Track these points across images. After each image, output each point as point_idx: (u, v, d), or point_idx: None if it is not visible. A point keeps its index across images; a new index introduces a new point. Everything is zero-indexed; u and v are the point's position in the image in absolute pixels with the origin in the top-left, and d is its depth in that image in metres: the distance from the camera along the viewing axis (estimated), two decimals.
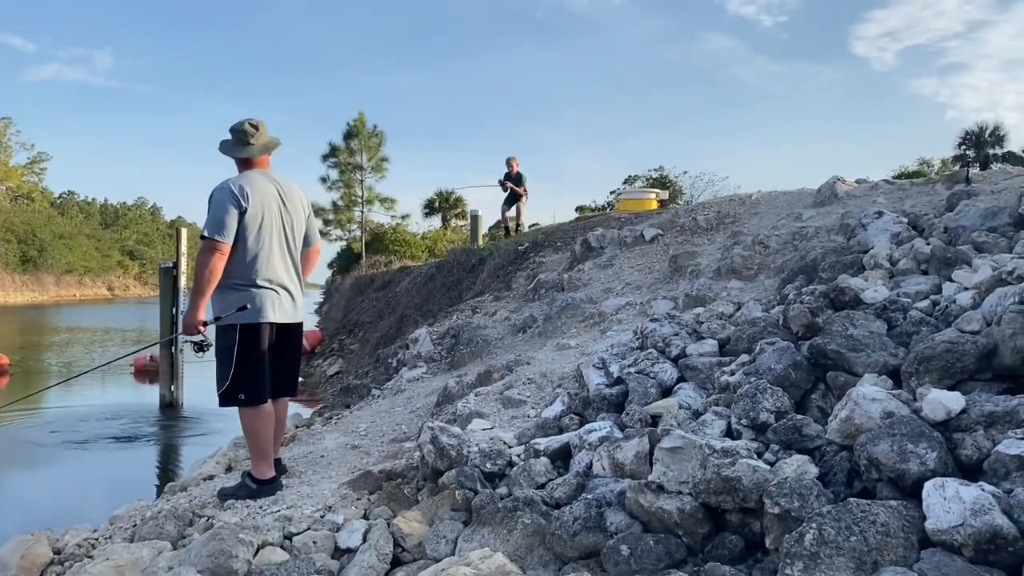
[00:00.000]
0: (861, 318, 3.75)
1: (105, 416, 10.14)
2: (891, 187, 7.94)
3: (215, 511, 3.91)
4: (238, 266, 3.93)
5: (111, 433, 9.21)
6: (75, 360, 17.93)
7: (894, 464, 2.58)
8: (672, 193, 22.25)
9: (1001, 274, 3.73)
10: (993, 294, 3.50)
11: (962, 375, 3.05)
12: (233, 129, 4.18)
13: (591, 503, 3.01)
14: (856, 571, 2.26)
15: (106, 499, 5.62)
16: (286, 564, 3.19)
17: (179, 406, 11.08)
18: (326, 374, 13.64)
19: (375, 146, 33.15)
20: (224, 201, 3.88)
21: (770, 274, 6.14)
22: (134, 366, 14.60)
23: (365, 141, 32.89)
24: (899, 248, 4.98)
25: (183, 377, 11.35)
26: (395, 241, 31.62)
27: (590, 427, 3.69)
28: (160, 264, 12.16)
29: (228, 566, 3.14)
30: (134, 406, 11.19)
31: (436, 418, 4.87)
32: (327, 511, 3.67)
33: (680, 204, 16.97)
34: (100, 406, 10.94)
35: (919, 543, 2.32)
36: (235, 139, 4.17)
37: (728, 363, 4.02)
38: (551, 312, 7.15)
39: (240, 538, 3.26)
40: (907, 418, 2.75)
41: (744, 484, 2.71)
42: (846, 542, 2.30)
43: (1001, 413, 2.69)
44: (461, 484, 3.45)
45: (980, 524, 2.22)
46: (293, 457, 4.80)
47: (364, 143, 32.90)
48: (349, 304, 19.72)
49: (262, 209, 3.96)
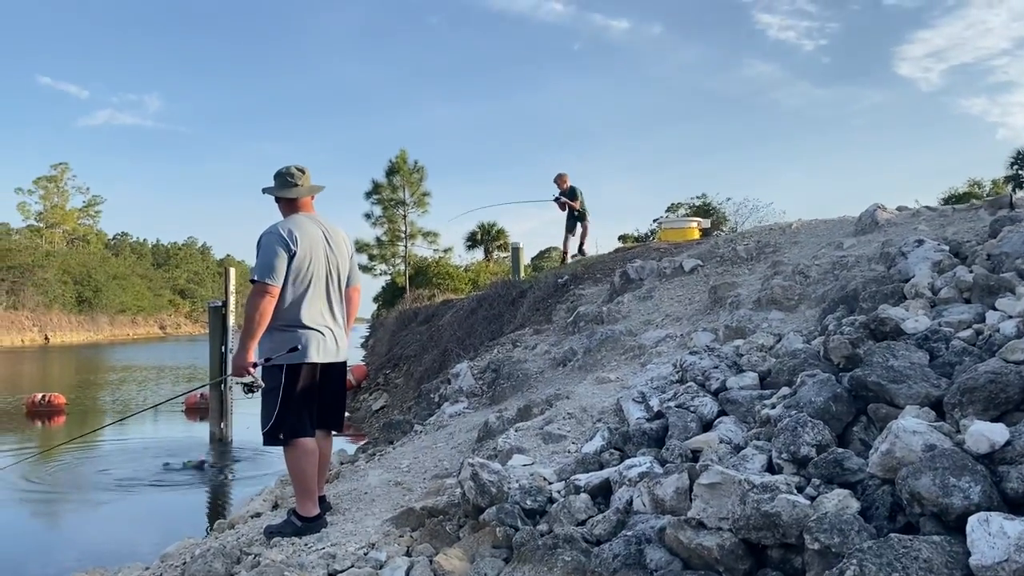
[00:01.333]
0: (902, 349, 3.70)
1: (157, 454, 10.33)
2: (932, 214, 7.83)
3: (262, 548, 3.96)
4: (286, 308, 4.03)
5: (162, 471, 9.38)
6: (129, 398, 18.33)
7: (937, 498, 2.54)
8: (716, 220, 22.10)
9: None
10: None
11: (1007, 406, 2.99)
12: (279, 173, 4.32)
13: (631, 540, 3.00)
14: None
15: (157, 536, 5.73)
16: None
17: (229, 443, 11.24)
18: (372, 408, 13.74)
19: (417, 181, 33.62)
20: (273, 245, 4.00)
21: (811, 304, 6.08)
22: (185, 404, 14.89)
23: (407, 177, 33.38)
24: (941, 276, 4.90)
25: (232, 415, 11.53)
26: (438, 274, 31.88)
27: (630, 462, 3.68)
28: (209, 304, 12.40)
29: None
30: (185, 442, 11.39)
31: (477, 454, 4.89)
32: (370, 548, 3.71)
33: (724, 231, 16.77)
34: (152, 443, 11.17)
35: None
36: (281, 182, 4.30)
37: (769, 396, 3.99)
38: (591, 345, 7.15)
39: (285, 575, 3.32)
40: (949, 451, 2.70)
41: (784, 520, 2.68)
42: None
43: None
44: (501, 521, 3.46)
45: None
46: (337, 494, 4.85)
47: (406, 179, 33.39)
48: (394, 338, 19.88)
49: (310, 252, 4.07)
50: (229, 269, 12.81)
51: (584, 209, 14.19)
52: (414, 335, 17.35)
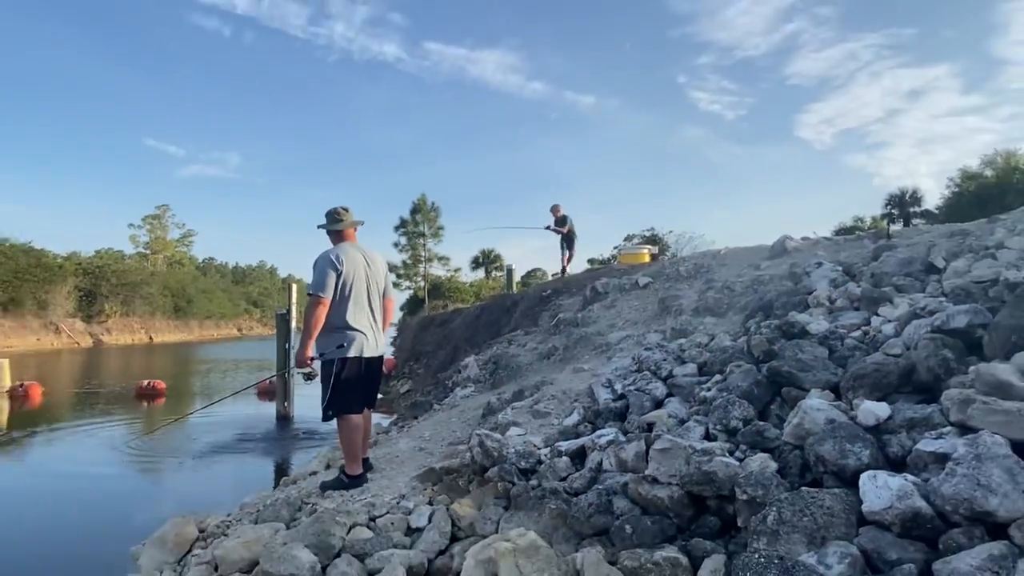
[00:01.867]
0: (808, 345, 3.70)
1: (236, 426, 10.25)
2: (829, 242, 7.85)
3: (318, 499, 3.93)
4: (335, 315, 4.01)
5: (240, 439, 9.30)
6: (214, 384, 18.18)
7: (836, 460, 2.54)
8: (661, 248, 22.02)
9: (916, 309, 3.68)
10: (910, 325, 3.45)
11: (888, 389, 3.00)
12: (329, 212, 4.31)
13: (602, 492, 2.99)
14: (808, 545, 2.22)
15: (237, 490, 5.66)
16: (371, 540, 3.20)
17: (291, 419, 11.16)
18: (399, 392, 13.65)
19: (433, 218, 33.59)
20: (325, 266, 3.99)
21: (736, 312, 6.08)
22: (258, 389, 14.77)
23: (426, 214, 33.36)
24: (836, 290, 4.92)
25: (295, 397, 11.45)
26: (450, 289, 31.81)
27: (600, 433, 3.66)
28: (276, 311, 12.36)
29: (328, 542, 3.16)
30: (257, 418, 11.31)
31: (482, 426, 4.86)
32: (401, 499, 3.68)
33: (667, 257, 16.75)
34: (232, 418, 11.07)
35: (857, 522, 2.27)
36: (330, 218, 4.29)
37: (705, 382, 3.98)
38: (569, 343, 7.14)
39: (337, 520, 3.28)
40: (845, 424, 2.70)
41: (720, 476, 2.68)
42: (800, 522, 2.27)
43: (919, 419, 2.64)
44: (502, 477, 3.44)
45: (904, 507, 2.17)
46: (375, 457, 4.81)
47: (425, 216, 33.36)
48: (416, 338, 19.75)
49: (353, 272, 4.06)
50: (291, 285, 12.79)
51: (574, 234, 13.76)
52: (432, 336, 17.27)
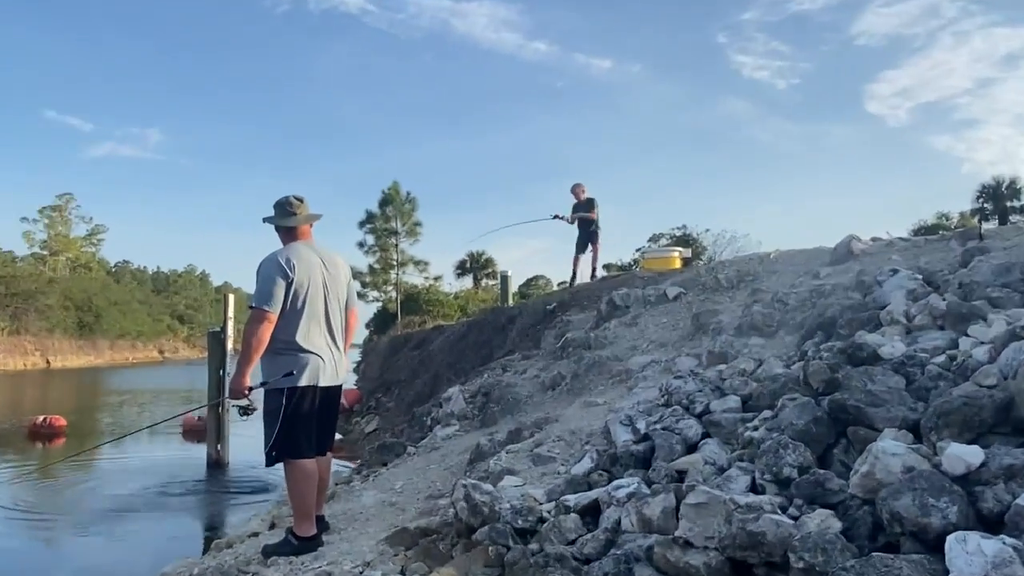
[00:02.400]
0: (879, 373, 3.70)
1: (154, 474, 10.20)
2: (906, 244, 7.90)
3: (259, 568, 3.91)
4: (284, 333, 4.00)
5: (160, 491, 9.25)
6: (128, 421, 18.11)
7: (916, 518, 2.54)
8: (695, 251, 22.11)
9: (1015, 328, 3.68)
10: (1008, 348, 3.45)
11: (980, 429, 2.99)
12: (278, 203, 4.32)
13: (620, 559, 2.98)
14: None
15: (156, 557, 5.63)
16: None
17: (226, 465, 11.10)
18: (364, 431, 13.63)
19: (409, 212, 33.77)
20: (272, 273, 3.98)
21: (790, 331, 6.09)
22: (183, 426, 14.70)
23: (399, 207, 33.52)
24: (915, 304, 4.92)
25: (230, 436, 11.40)
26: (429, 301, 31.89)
27: (618, 483, 3.65)
28: (208, 329, 12.32)
29: None
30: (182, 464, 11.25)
31: (469, 475, 4.85)
32: (365, 567, 3.66)
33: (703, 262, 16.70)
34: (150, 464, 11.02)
35: None
36: (280, 211, 4.29)
37: (751, 419, 3.98)
38: (579, 370, 7.14)
39: None
40: (927, 472, 2.70)
41: (768, 539, 2.67)
42: None
43: (1020, 466, 2.64)
44: (493, 540, 3.43)
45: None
46: (333, 514, 4.80)
47: (398, 209, 33.52)
48: (385, 363, 19.78)
49: (307, 279, 4.05)
50: (228, 295, 12.75)
51: (599, 225, 13.03)
52: (406, 360, 17.28)
